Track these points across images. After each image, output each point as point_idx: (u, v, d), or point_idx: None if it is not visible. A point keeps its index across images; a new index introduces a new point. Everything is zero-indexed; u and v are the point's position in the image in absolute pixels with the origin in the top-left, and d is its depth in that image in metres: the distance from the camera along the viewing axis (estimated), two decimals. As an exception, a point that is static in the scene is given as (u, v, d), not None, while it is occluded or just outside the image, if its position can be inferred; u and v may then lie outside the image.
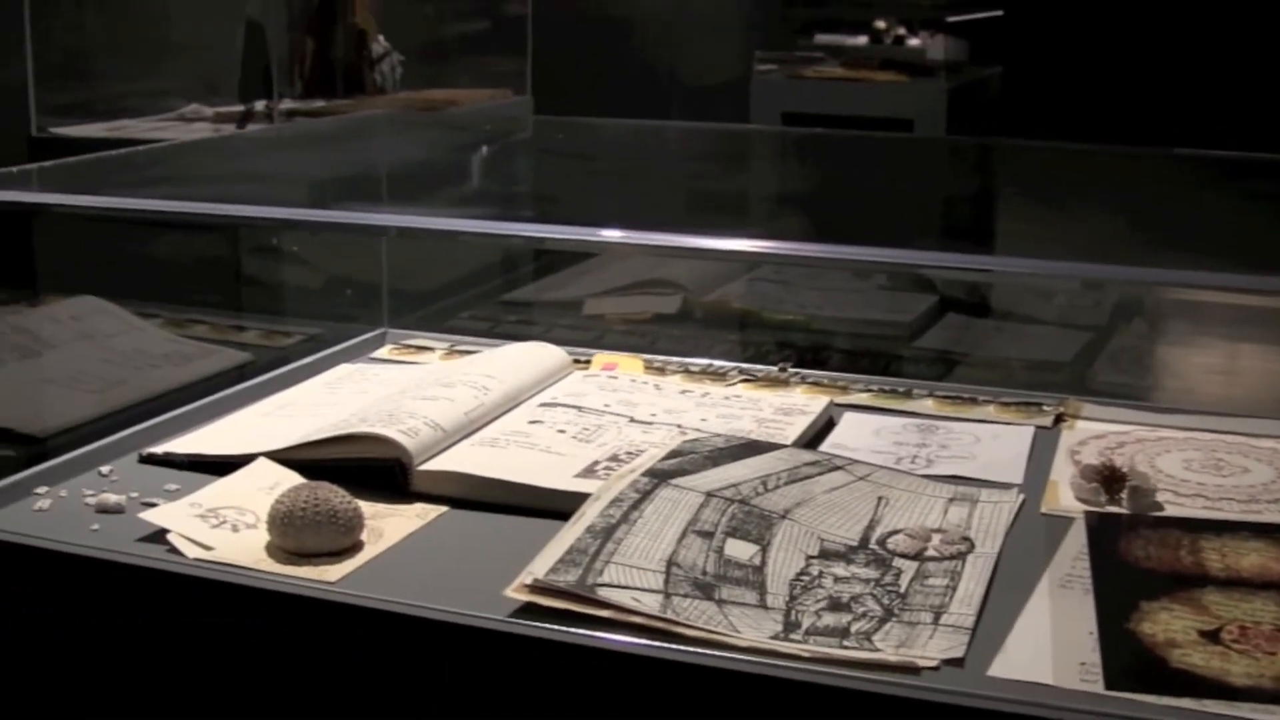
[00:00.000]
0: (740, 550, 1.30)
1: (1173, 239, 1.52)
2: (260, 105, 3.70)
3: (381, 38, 3.92)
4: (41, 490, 1.50)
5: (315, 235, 2.34)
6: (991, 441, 1.66)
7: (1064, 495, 1.49)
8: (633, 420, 1.66)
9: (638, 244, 1.51)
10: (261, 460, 1.51)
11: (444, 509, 1.45)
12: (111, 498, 1.46)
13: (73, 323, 2.08)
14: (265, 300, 2.67)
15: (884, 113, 4.64)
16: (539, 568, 1.23)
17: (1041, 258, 1.42)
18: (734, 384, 1.83)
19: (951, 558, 1.33)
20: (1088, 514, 1.41)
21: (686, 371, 1.88)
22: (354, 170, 2.08)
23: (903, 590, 1.27)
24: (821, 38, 5.49)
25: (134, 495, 1.47)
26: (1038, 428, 1.70)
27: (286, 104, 3.74)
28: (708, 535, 1.31)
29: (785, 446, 1.55)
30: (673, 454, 1.47)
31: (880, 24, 5.50)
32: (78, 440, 1.63)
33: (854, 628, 1.20)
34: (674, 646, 1.16)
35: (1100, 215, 1.77)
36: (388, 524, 1.41)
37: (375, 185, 2.04)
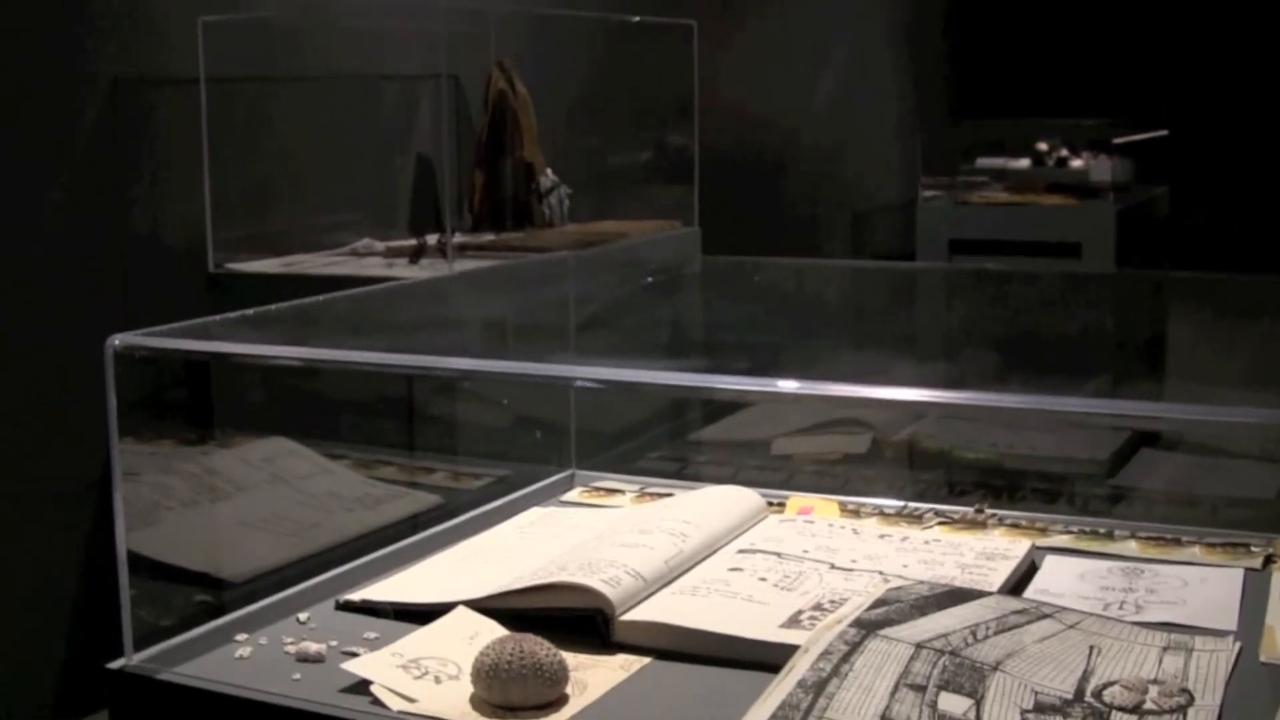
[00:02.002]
0: (954, 704, 1.27)
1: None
2: (432, 239, 3.75)
3: (549, 170, 3.96)
4: (241, 638, 1.51)
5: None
6: (1200, 585, 1.61)
7: (1283, 642, 1.45)
8: (834, 567, 1.64)
9: (821, 395, 1.46)
10: (461, 609, 1.51)
11: (647, 660, 1.44)
12: (312, 646, 1.46)
13: (264, 465, 2.10)
14: (452, 441, 2.68)
15: (1052, 236, 4.61)
16: (752, 724, 1.22)
17: (1241, 399, 1.37)
18: (931, 526, 1.80)
19: (1172, 710, 1.29)
20: (1310, 663, 1.36)
21: (881, 514, 1.86)
22: (541, 314, 2.09)
23: (1124, 747, 1.23)
24: (983, 161, 5.48)
25: (333, 644, 1.48)
26: (1247, 569, 1.66)
27: (458, 238, 3.77)
28: (920, 689, 1.28)
29: (991, 594, 1.52)
30: (879, 603, 1.44)
31: (1042, 146, 5.47)
32: (273, 585, 1.64)
33: (1079, 788, 1.16)
34: (894, 808, 1.14)
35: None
36: (591, 675, 1.39)
37: (563, 331, 2.05)
